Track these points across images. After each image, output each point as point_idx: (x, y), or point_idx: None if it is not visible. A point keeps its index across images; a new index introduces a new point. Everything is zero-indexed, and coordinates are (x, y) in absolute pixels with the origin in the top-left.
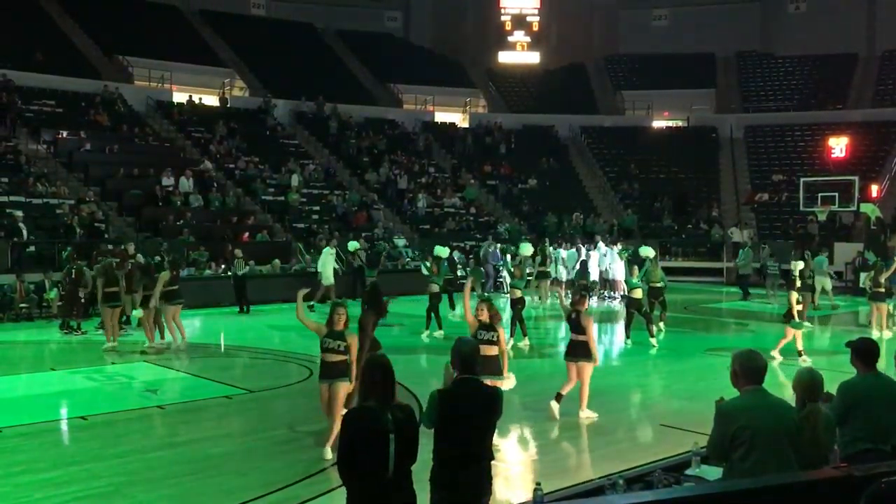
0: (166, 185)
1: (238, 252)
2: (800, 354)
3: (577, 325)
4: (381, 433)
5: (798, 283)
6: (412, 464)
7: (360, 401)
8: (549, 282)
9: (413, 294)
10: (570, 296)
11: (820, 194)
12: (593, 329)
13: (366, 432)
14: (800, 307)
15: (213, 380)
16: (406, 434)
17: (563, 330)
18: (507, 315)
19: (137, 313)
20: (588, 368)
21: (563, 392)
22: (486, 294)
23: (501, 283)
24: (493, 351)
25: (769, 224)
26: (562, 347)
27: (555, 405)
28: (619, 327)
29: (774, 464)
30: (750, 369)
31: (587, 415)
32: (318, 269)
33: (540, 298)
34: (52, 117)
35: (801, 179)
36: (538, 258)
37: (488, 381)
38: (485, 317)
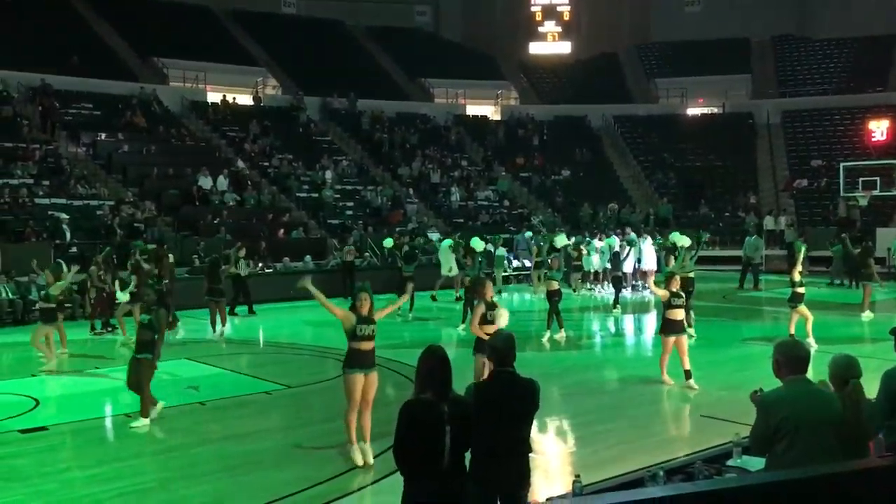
0: (202, 185)
1: (242, 252)
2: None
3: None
4: (436, 425)
5: (800, 267)
6: (465, 452)
7: (417, 392)
8: (581, 274)
9: (447, 288)
10: (606, 286)
11: (861, 179)
12: (663, 297)
13: (422, 424)
14: (801, 290)
15: (252, 376)
16: (461, 427)
17: (598, 322)
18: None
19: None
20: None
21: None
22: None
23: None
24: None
25: (809, 210)
26: (598, 339)
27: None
28: (654, 318)
29: (819, 455)
30: (792, 359)
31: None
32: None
33: (574, 290)
34: (90, 120)
35: (841, 164)
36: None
37: None
38: (490, 295)
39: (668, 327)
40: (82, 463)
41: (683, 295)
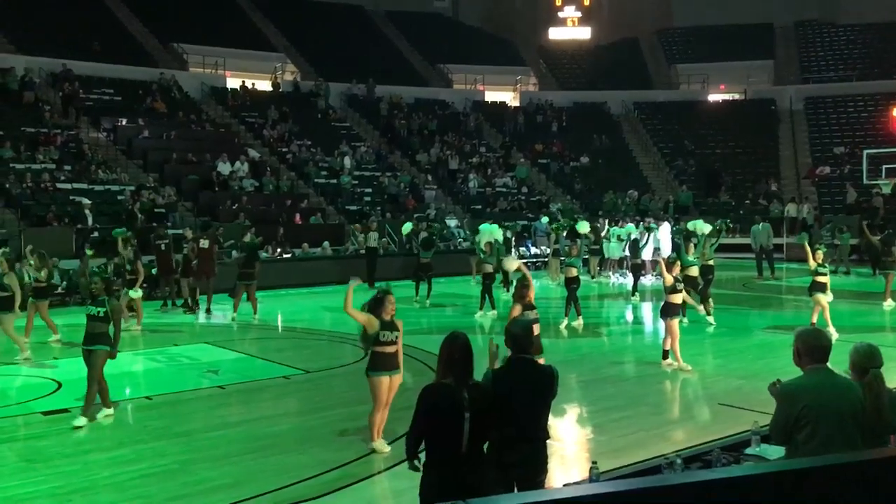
0: (221, 171)
1: (246, 238)
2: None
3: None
4: (456, 411)
5: (820, 257)
6: (485, 443)
7: (438, 378)
8: (598, 259)
9: (465, 275)
10: (625, 273)
11: (884, 166)
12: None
13: (442, 409)
14: (824, 279)
15: (271, 360)
16: (480, 413)
17: (616, 309)
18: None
19: (136, 294)
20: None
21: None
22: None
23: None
24: (537, 331)
25: (831, 198)
26: (615, 327)
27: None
28: None
29: (840, 445)
30: (813, 347)
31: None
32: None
33: (592, 276)
34: (111, 105)
35: (865, 151)
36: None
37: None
38: (530, 297)
39: (671, 310)
40: (104, 445)
41: (682, 280)
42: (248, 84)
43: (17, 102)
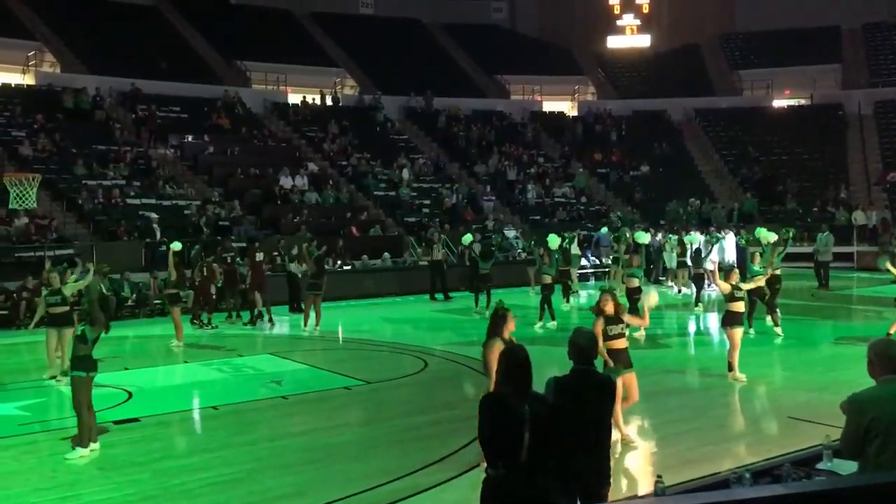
0: (283, 184)
1: (294, 250)
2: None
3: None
4: (515, 420)
5: None
6: (553, 457)
7: (496, 389)
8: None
9: (524, 285)
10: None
11: None
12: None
13: (500, 417)
14: None
15: (332, 371)
16: (543, 426)
17: (679, 319)
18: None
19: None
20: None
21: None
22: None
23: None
24: (622, 344)
25: None
26: (678, 338)
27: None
28: None
29: None
30: (887, 358)
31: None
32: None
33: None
34: (178, 122)
35: None
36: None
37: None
38: (610, 309)
39: (733, 319)
40: (173, 453)
41: (742, 287)
42: (309, 99)
43: (89, 121)
